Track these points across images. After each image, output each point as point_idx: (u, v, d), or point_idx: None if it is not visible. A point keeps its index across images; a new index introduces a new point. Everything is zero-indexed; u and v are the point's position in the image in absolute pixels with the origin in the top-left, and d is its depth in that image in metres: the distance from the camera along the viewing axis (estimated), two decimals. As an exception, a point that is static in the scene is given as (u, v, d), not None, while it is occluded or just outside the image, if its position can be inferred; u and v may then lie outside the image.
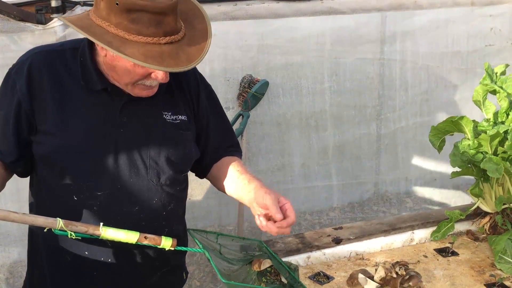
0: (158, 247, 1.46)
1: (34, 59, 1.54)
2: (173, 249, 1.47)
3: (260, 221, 1.48)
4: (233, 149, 1.82)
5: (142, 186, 1.57)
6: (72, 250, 1.59)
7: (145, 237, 1.43)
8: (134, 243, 1.43)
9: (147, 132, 1.57)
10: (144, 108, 1.58)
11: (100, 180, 1.53)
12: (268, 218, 1.49)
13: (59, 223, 1.34)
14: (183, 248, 1.54)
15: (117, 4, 1.34)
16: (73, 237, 1.37)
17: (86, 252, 1.59)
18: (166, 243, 1.45)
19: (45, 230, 1.37)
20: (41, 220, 1.34)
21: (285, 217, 1.50)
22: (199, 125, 1.71)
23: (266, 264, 1.63)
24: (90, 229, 1.38)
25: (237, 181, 1.68)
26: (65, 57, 1.55)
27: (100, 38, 1.36)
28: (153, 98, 1.58)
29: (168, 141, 1.60)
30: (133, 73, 1.44)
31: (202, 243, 1.55)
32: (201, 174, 1.83)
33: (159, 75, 1.44)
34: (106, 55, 1.47)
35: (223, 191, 1.75)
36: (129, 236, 1.41)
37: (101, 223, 1.40)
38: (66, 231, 1.35)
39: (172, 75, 1.63)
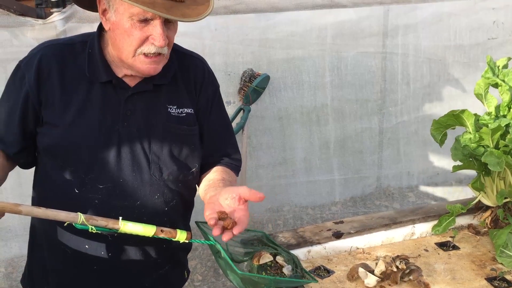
0: (173, 239, 1.45)
1: (44, 52, 1.55)
2: (187, 241, 1.47)
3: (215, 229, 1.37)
4: (229, 161, 1.73)
5: (144, 181, 1.57)
6: (72, 244, 1.59)
7: (161, 231, 1.43)
8: (151, 236, 1.42)
9: (150, 126, 1.57)
10: (149, 102, 1.57)
11: (102, 173, 1.53)
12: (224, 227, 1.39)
13: (80, 218, 1.34)
14: (196, 241, 1.52)
15: None
16: (94, 231, 1.37)
17: (87, 246, 1.59)
18: (181, 236, 1.45)
19: (65, 225, 1.37)
20: (63, 215, 1.35)
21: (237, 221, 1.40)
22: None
23: (266, 258, 1.63)
24: (110, 223, 1.39)
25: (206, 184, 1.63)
26: (75, 50, 1.56)
27: None
28: (158, 91, 1.58)
29: (171, 135, 1.58)
30: (131, 36, 1.43)
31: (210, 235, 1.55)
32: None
33: (156, 37, 1.42)
34: (109, 28, 1.47)
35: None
36: (146, 230, 1.42)
37: (120, 218, 1.40)
38: (87, 225, 1.36)
39: (179, 63, 1.62)
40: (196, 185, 1.76)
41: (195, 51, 1.75)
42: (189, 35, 3.06)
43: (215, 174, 1.65)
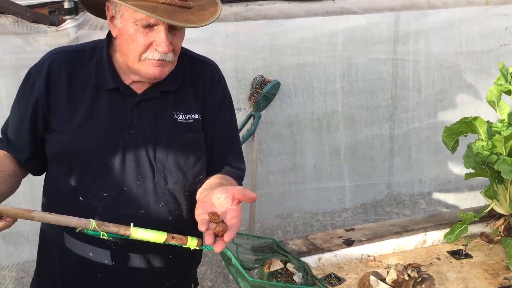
0: (184, 246, 1.42)
1: (54, 59, 1.56)
2: (198, 248, 1.43)
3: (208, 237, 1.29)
4: (230, 169, 1.68)
5: (149, 189, 1.55)
6: (78, 251, 1.59)
7: (172, 237, 1.41)
8: (162, 243, 1.40)
9: (156, 134, 1.55)
10: (155, 109, 1.56)
11: (107, 181, 1.53)
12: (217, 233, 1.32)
13: (92, 224, 1.35)
14: (207, 247, 1.45)
15: None
16: (105, 238, 1.36)
17: (91, 254, 1.58)
18: (192, 242, 1.42)
19: (77, 231, 1.37)
20: (75, 221, 1.35)
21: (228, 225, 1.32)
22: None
23: (276, 265, 1.62)
24: (121, 230, 1.38)
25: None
26: (84, 57, 1.57)
27: None
28: (164, 98, 1.57)
29: (176, 143, 1.57)
30: (135, 42, 1.43)
31: None
32: None
33: (160, 43, 1.42)
34: (117, 34, 1.48)
35: None
36: (157, 236, 1.40)
37: (132, 224, 1.38)
38: (98, 231, 1.35)
39: (189, 68, 1.62)
40: None
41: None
42: (200, 41, 3.08)
43: (213, 179, 1.62)
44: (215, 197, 1.38)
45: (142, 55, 1.45)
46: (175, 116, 1.58)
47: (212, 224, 1.31)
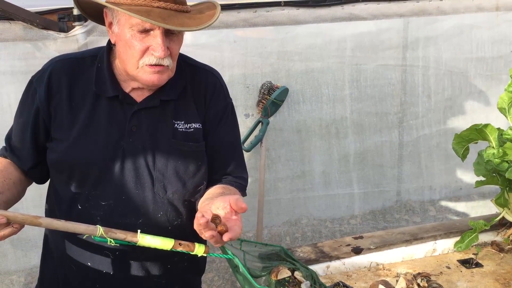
0: (192, 253, 1.41)
1: (55, 67, 1.56)
2: (205, 255, 1.43)
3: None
4: (232, 179, 1.66)
5: (148, 199, 1.54)
6: (77, 258, 1.58)
7: (179, 244, 1.41)
8: (169, 249, 1.40)
9: (155, 143, 1.54)
10: (155, 117, 1.55)
11: (106, 189, 1.52)
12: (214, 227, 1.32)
13: (99, 231, 1.35)
14: (214, 255, 1.47)
15: None
16: (112, 244, 1.36)
17: (89, 263, 1.58)
18: (199, 249, 1.42)
19: (85, 237, 1.37)
20: (82, 228, 1.35)
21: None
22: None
23: (284, 273, 1.61)
24: (128, 236, 1.38)
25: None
26: (85, 65, 1.56)
27: None
28: (165, 106, 1.56)
29: (176, 152, 1.55)
30: (132, 48, 1.42)
31: (228, 249, 1.51)
32: None
33: (156, 47, 1.41)
34: (115, 41, 1.48)
35: None
36: (164, 243, 1.40)
37: (139, 230, 1.38)
38: (105, 238, 1.35)
39: (191, 77, 1.60)
40: None
41: (214, 63, 1.73)
42: (208, 47, 3.08)
43: (214, 189, 1.59)
44: (215, 207, 1.37)
45: (140, 61, 1.44)
46: (176, 125, 1.56)
47: (212, 224, 1.30)
